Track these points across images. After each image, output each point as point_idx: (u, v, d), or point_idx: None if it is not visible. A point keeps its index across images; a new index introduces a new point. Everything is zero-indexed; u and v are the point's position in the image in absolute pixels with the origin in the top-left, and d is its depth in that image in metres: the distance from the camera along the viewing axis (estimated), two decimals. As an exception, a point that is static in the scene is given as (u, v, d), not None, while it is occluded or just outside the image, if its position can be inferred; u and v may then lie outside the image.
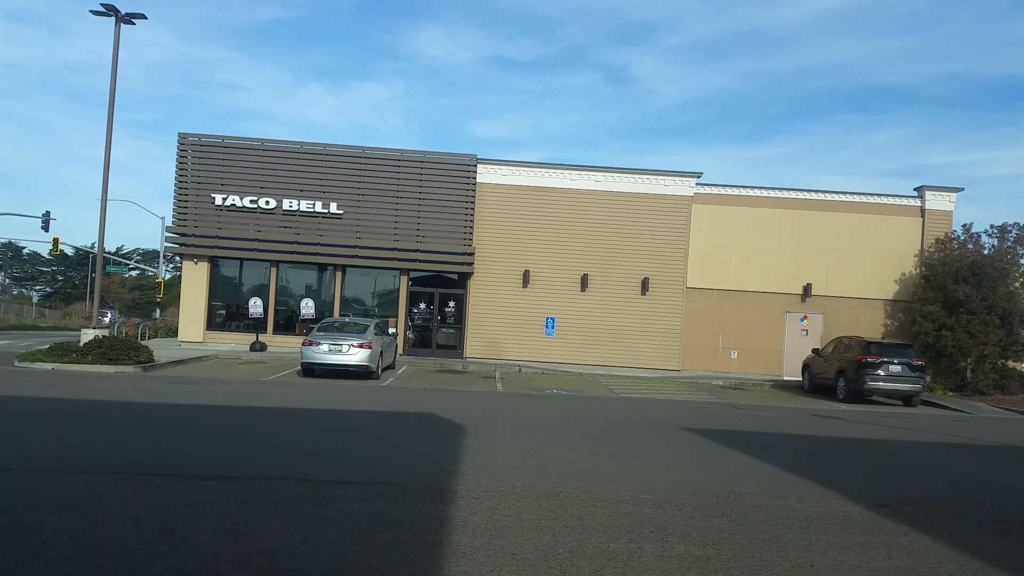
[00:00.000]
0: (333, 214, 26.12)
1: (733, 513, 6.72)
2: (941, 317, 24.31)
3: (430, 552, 5.15)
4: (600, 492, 7.27)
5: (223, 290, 27.44)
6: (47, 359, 19.00)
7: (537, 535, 5.70)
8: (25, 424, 10.21)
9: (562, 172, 26.81)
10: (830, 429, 14.43)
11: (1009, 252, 24.99)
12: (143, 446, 8.77)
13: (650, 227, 26.65)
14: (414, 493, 6.86)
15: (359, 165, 26.45)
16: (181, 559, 4.79)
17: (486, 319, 26.63)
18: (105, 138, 22.11)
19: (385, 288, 27.64)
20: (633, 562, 5.19)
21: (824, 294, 26.75)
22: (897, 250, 26.75)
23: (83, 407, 12.20)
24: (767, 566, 5.26)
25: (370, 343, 19.02)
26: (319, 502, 6.33)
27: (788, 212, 26.85)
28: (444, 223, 26.42)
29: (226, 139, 26.67)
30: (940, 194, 26.82)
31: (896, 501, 7.65)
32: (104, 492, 6.41)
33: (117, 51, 21.87)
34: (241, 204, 26.02)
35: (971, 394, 23.62)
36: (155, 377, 17.80)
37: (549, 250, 26.59)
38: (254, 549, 5.02)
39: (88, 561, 4.70)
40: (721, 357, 26.85)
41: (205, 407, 12.62)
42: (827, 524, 6.53)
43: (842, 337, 22.72)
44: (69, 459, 7.72)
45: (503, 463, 8.62)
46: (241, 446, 9.23)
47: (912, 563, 5.55)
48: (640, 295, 26.49)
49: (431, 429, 11.48)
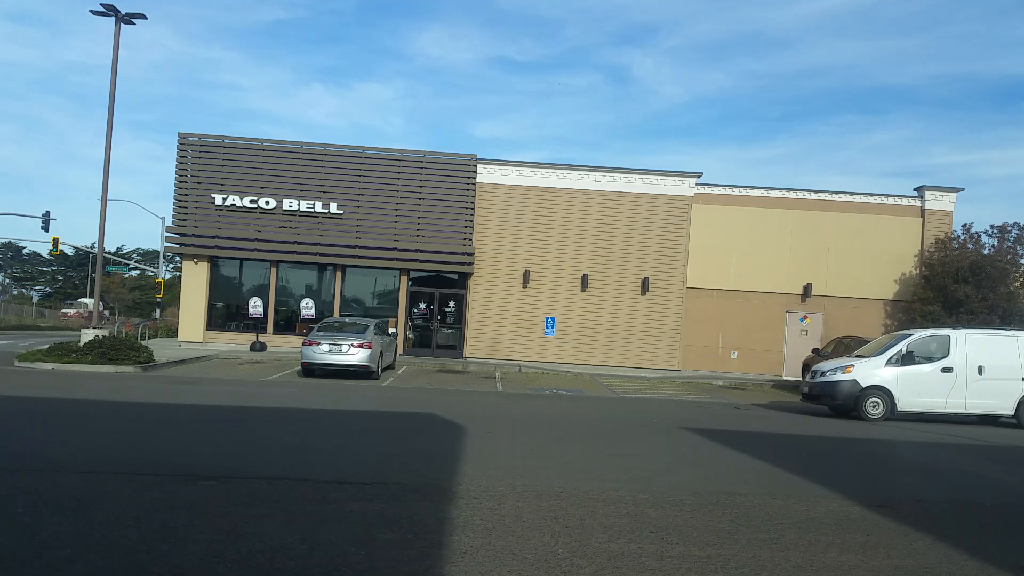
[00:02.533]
0: (333, 214, 26.13)
1: (733, 513, 6.71)
2: (941, 317, 24.30)
3: (430, 552, 5.15)
4: (600, 492, 7.27)
5: (223, 290, 27.44)
6: (47, 359, 19.01)
7: (537, 535, 5.70)
8: (25, 424, 10.21)
9: (562, 172, 26.81)
10: (830, 429, 14.43)
11: (1009, 252, 25.00)
12: (143, 446, 8.77)
13: (650, 227, 26.65)
14: (414, 493, 6.86)
15: (359, 165, 26.46)
16: (181, 559, 4.79)
17: (486, 319, 26.63)
18: (105, 138, 22.13)
19: (385, 288, 27.65)
20: (633, 562, 5.18)
21: (824, 294, 26.75)
22: (897, 250, 26.75)
23: (83, 407, 12.20)
24: (767, 566, 5.25)
25: (370, 343, 19.02)
26: (319, 502, 6.33)
27: (788, 212, 26.85)
28: (444, 223, 26.42)
29: (226, 139, 26.68)
30: (940, 194, 26.83)
31: (896, 501, 7.65)
32: (104, 492, 6.41)
33: (117, 51, 21.87)
34: (241, 204, 26.02)
35: (971, 394, 23.59)
36: (155, 377, 17.80)
37: (549, 250, 26.59)
38: (254, 549, 5.02)
39: (88, 561, 4.70)
40: (721, 357, 26.85)
41: (205, 407, 12.62)
42: (827, 524, 6.52)
43: (842, 337, 22.72)
44: (69, 459, 7.72)
45: (503, 463, 8.62)
46: (241, 446, 9.23)
47: (912, 563, 5.55)
48: (640, 295, 26.49)
49: (431, 429, 11.48)
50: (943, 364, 16.06)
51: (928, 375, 16.08)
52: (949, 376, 16.00)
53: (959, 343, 16.16)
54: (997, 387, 16.02)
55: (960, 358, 16.04)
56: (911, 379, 16.03)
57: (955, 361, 16.03)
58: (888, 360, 16.16)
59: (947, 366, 16.03)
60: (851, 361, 16.68)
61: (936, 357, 16.19)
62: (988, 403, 16.09)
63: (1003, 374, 16.04)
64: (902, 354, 16.18)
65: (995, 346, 16.26)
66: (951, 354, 16.09)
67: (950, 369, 16.02)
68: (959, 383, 15.97)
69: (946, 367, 16.03)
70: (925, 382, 16.03)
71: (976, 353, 16.10)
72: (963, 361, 16.02)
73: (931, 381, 16.03)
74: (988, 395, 16.03)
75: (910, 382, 16.01)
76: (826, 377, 16.51)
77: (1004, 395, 16.06)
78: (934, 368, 16.11)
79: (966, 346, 16.12)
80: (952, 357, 16.07)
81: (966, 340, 16.20)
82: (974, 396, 16.00)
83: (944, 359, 16.09)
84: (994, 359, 16.09)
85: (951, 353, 16.10)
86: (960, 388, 15.98)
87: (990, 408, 16.16)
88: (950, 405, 16.01)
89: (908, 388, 15.99)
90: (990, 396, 16.04)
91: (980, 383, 15.99)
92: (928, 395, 16.03)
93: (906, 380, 16.00)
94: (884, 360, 16.19)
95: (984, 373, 15.98)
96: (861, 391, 15.95)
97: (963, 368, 16.00)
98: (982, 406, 16.11)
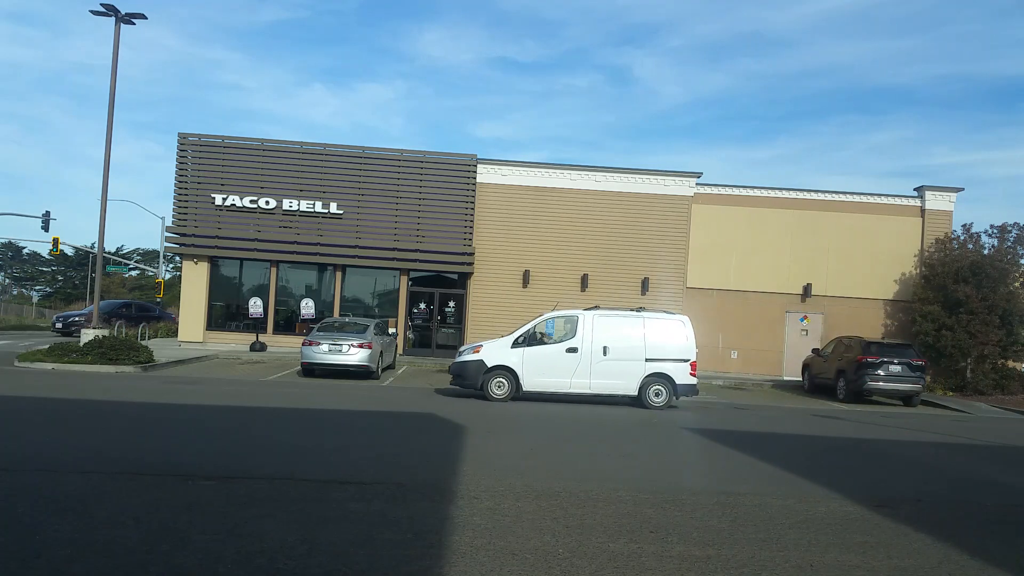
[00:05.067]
0: (333, 214, 26.13)
1: (733, 513, 6.72)
2: (941, 317, 24.30)
3: (430, 552, 5.15)
4: (600, 492, 7.28)
5: (223, 290, 27.44)
6: (47, 359, 19.00)
7: (537, 535, 5.70)
8: (25, 424, 10.21)
9: (562, 172, 26.81)
10: (830, 429, 14.44)
11: (1009, 252, 24.98)
12: (143, 446, 8.78)
13: (650, 227, 26.65)
14: (414, 493, 6.86)
15: (359, 165, 26.46)
16: (181, 559, 4.80)
17: (486, 319, 26.61)
18: (105, 138, 22.13)
19: (385, 288, 27.65)
20: (633, 562, 5.19)
21: (824, 294, 26.74)
22: (897, 250, 26.74)
23: (83, 407, 12.20)
24: (767, 566, 5.26)
25: (370, 343, 19.02)
26: (319, 502, 6.34)
27: (788, 212, 26.84)
28: (444, 223, 26.42)
29: (226, 139, 26.68)
30: (940, 194, 26.82)
31: (896, 501, 7.65)
32: (104, 492, 6.42)
33: (117, 51, 21.87)
34: (241, 204, 26.02)
35: (971, 394, 23.60)
36: (155, 377, 17.80)
37: (549, 250, 26.58)
38: (254, 549, 5.02)
39: (88, 561, 4.70)
40: (721, 357, 26.84)
41: (205, 407, 12.62)
42: (827, 524, 6.53)
43: (842, 337, 22.72)
44: (69, 459, 7.73)
45: (503, 463, 8.63)
46: (241, 446, 9.23)
47: (912, 563, 5.55)
48: (640, 295, 26.46)
49: (431, 429, 11.48)
50: (568, 345, 15.92)
51: (553, 356, 15.93)
52: (574, 357, 15.81)
53: (586, 324, 15.98)
54: (622, 368, 15.88)
55: (586, 339, 15.87)
56: (537, 359, 15.89)
57: (580, 342, 15.86)
58: (515, 341, 16.05)
59: (572, 347, 15.87)
60: (483, 342, 16.69)
61: (565, 338, 16.07)
62: (613, 383, 15.98)
63: (628, 355, 15.91)
64: (529, 335, 16.12)
65: (622, 328, 16.12)
66: (577, 335, 15.93)
67: (575, 350, 15.83)
68: (584, 364, 15.80)
69: (571, 348, 15.87)
70: (550, 363, 15.87)
71: (602, 334, 15.94)
72: (588, 342, 15.85)
73: (556, 362, 15.87)
74: (613, 376, 15.89)
75: (535, 362, 15.86)
76: (461, 357, 16.41)
77: (628, 376, 15.93)
78: (559, 349, 15.97)
79: (593, 327, 15.95)
80: (578, 338, 15.90)
81: (593, 321, 16.03)
82: (598, 377, 15.85)
83: (570, 340, 15.96)
84: (620, 340, 15.95)
85: (578, 334, 15.94)
86: (585, 369, 15.80)
87: (615, 388, 16.06)
88: (575, 385, 15.87)
89: (533, 368, 15.84)
90: (615, 377, 15.90)
91: (605, 364, 15.82)
92: (553, 375, 15.87)
93: (532, 360, 15.86)
94: (511, 341, 16.09)
95: (609, 354, 15.82)
96: (487, 371, 15.80)
97: (588, 349, 15.83)
98: (607, 386, 16.01)
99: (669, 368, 16.05)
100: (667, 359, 16.08)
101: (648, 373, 16.00)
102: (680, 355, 16.15)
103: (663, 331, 16.26)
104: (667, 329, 16.31)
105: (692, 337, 16.34)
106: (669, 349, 16.14)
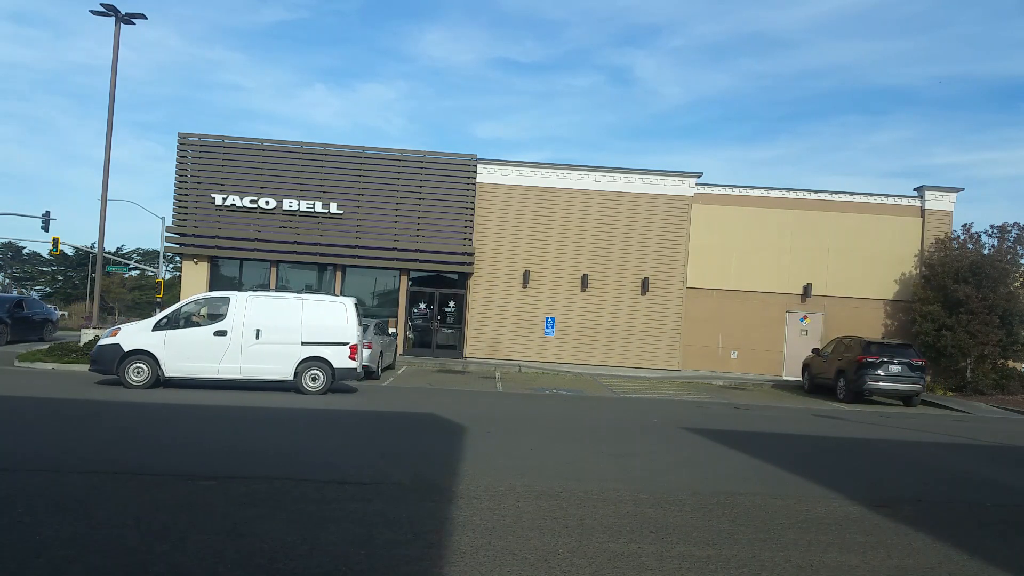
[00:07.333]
0: (333, 214, 26.12)
1: (733, 513, 6.72)
2: (941, 317, 24.30)
3: (430, 552, 5.15)
4: (600, 492, 7.28)
5: (223, 290, 27.39)
6: (47, 359, 19.01)
7: (537, 535, 5.70)
8: (25, 424, 10.21)
9: (562, 172, 26.80)
10: (830, 429, 14.43)
11: (1009, 252, 24.98)
12: (143, 446, 8.78)
13: (650, 227, 26.64)
14: (414, 493, 6.86)
15: (359, 165, 26.45)
16: (181, 559, 4.80)
17: (486, 319, 26.62)
18: (105, 138, 22.13)
19: (385, 288, 27.64)
20: (633, 562, 5.19)
21: (824, 294, 26.73)
22: (897, 250, 26.73)
23: (83, 407, 12.21)
24: (767, 566, 5.26)
25: (370, 343, 18.99)
26: (319, 502, 6.34)
27: (788, 212, 26.83)
28: (444, 223, 26.41)
29: (226, 139, 26.67)
30: (940, 194, 26.82)
31: (896, 501, 7.65)
32: (104, 492, 6.42)
33: (117, 51, 21.88)
34: (241, 204, 26.02)
35: (971, 394, 23.60)
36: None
37: (549, 250, 26.57)
38: (254, 549, 5.02)
39: (88, 561, 4.70)
40: (721, 357, 26.84)
41: (204, 407, 12.63)
42: (827, 524, 6.53)
43: (842, 337, 22.71)
44: (69, 459, 7.73)
45: (503, 463, 8.63)
46: (241, 446, 9.23)
47: (912, 563, 5.55)
48: (640, 295, 26.47)
49: (431, 429, 11.48)
50: (217, 327, 15.11)
51: (200, 339, 15.11)
52: (223, 340, 14.99)
53: (239, 306, 15.23)
54: (276, 351, 15.19)
55: (237, 321, 15.07)
56: (180, 343, 15.00)
57: (231, 325, 15.05)
58: (157, 323, 15.26)
59: (221, 329, 15.05)
60: (122, 325, 15.92)
61: (215, 321, 15.36)
62: (266, 368, 15.23)
63: (283, 338, 15.21)
64: (174, 317, 15.36)
65: (279, 310, 15.43)
66: (228, 318, 15.13)
67: (224, 333, 15.03)
68: (234, 348, 14.99)
69: (220, 330, 15.05)
70: (196, 347, 15.01)
71: (256, 317, 15.19)
72: (240, 325, 15.06)
73: (203, 345, 15.01)
74: (266, 359, 15.16)
75: (179, 347, 14.96)
76: (100, 342, 15.58)
77: (283, 359, 15.23)
78: (207, 332, 15.17)
79: (245, 309, 15.20)
80: (228, 320, 15.09)
81: (247, 303, 15.30)
82: (250, 361, 15.07)
83: (220, 323, 15.16)
84: (275, 322, 15.25)
85: (228, 317, 15.14)
86: (235, 353, 15.00)
87: (269, 373, 15.33)
88: (224, 371, 15.00)
89: (176, 353, 14.92)
90: (269, 361, 15.17)
91: (257, 347, 15.09)
92: (199, 360, 14.99)
93: (174, 344, 14.95)
94: (153, 323, 15.34)
95: (262, 337, 15.11)
96: (124, 356, 14.77)
97: (239, 332, 15.04)
98: (260, 371, 15.24)
99: (327, 352, 15.37)
100: (325, 343, 15.40)
101: (304, 357, 15.30)
102: (339, 338, 15.47)
103: (323, 314, 15.60)
104: (327, 312, 15.66)
105: (354, 320, 15.67)
106: (328, 332, 15.45)
